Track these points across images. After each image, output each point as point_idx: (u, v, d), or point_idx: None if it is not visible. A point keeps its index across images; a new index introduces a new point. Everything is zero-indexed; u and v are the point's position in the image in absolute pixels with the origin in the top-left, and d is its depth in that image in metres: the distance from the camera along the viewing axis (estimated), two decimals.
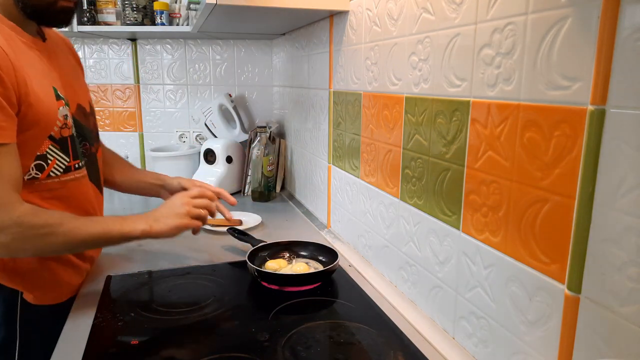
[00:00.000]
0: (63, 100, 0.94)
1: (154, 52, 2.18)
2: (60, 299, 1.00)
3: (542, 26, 0.61)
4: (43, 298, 0.96)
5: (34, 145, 0.89)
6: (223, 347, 0.84)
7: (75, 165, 0.98)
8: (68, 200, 0.97)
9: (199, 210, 1.02)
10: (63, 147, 0.94)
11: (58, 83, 0.96)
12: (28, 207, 0.85)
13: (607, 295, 0.54)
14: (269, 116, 2.26)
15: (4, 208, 0.81)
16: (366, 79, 1.15)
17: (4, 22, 0.87)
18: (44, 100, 0.89)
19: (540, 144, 0.62)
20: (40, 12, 0.89)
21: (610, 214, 0.53)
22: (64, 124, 0.94)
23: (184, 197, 1.03)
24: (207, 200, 1.06)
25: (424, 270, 0.94)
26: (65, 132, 0.95)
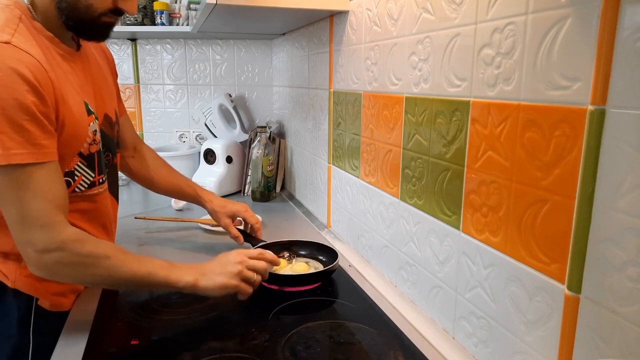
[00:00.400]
0: (93, 115, 0.94)
1: (154, 52, 2.18)
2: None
3: (542, 26, 0.61)
4: (59, 305, 0.96)
5: (64, 162, 0.88)
6: (223, 347, 0.84)
7: (100, 180, 0.98)
8: (88, 213, 0.97)
9: (252, 274, 0.93)
10: (90, 163, 0.94)
11: (90, 95, 0.95)
12: (73, 232, 0.83)
13: (607, 295, 0.54)
14: (269, 116, 2.26)
15: (48, 229, 0.80)
16: (366, 79, 1.15)
17: (43, 32, 0.86)
18: (77, 117, 0.88)
19: (540, 144, 0.62)
20: (82, 26, 0.88)
21: (610, 214, 0.53)
22: (93, 140, 0.94)
23: (239, 256, 0.95)
24: (264, 264, 0.97)
25: (424, 270, 0.94)
26: (94, 147, 0.94)
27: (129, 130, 1.25)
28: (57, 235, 0.81)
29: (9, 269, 0.92)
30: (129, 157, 1.26)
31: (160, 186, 1.30)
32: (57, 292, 0.96)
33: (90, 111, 0.94)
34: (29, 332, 0.93)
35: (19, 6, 0.83)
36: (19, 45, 0.77)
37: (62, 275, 0.86)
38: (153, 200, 1.84)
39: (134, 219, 1.55)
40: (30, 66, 0.76)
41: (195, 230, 1.47)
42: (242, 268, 0.92)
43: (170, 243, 1.36)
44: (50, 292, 0.94)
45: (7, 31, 0.78)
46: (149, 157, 1.29)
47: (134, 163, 1.27)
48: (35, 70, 0.77)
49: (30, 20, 0.84)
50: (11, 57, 0.75)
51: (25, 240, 0.81)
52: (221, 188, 1.86)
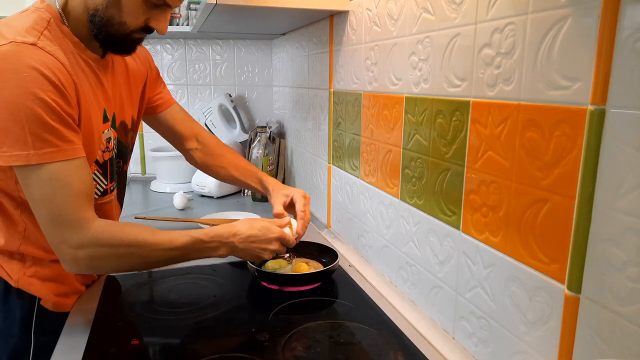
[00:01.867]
0: (109, 122, 0.95)
1: (154, 52, 2.18)
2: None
3: (542, 26, 0.61)
4: (62, 305, 0.96)
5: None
6: (223, 347, 0.84)
7: (111, 188, 0.99)
8: None
9: (282, 249, 1.00)
10: (104, 170, 0.96)
11: (109, 102, 0.96)
12: (102, 224, 0.84)
13: (607, 295, 0.54)
14: (269, 116, 2.26)
15: (80, 226, 0.81)
16: (366, 79, 1.15)
17: (70, 37, 0.86)
18: (94, 123, 0.89)
19: (540, 144, 0.62)
20: (112, 40, 0.88)
21: (610, 214, 0.53)
22: (106, 148, 0.95)
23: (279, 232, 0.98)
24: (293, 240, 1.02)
25: (424, 270, 0.94)
26: (107, 155, 0.95)
27: (182, 120, 1.24)
28: (87, 230, 0.82)
29: (12, 269, 0.92)
30: (194, 150, 1.26)
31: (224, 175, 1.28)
32: (61, 292, 0.96)
33: (107, 118, 0.94)
34: (31, 331, 0.93)
35: (50, 10, 0.84)
36: (44, 47, 0.78)
37: (99, 267, 0.88)
38: (153, 200, 1.84)
39: (134, 219, 1.55)
40: (54, 68, 0.77)
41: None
42: (279, 246, 0.99)
43: None
44: (53, 293, 0.95)
45: (33, 33, 0.79)
46: (213, 146, 1.27)
47: (198, 155, 1.26)
48: (59, 72, 0.78)
49: (59, 25, 0.85)
50: (36, 58, 0.76)
51: (60, 239, 0.81)
52: (221, 188, 1.86)
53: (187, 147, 1.25)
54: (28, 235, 0.91)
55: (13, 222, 0.90)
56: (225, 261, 1.21)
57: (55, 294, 0.95)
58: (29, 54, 0.76)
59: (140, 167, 2.26)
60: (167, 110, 1.20)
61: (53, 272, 0.94)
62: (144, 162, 2.26)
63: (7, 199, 0.89)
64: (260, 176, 1.25)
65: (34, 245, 0.92)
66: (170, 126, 1.22)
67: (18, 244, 0.90)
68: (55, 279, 0.95)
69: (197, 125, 1.28)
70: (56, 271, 0.95)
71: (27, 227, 0.90)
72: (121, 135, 1.02)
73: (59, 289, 0.96)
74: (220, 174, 1.28)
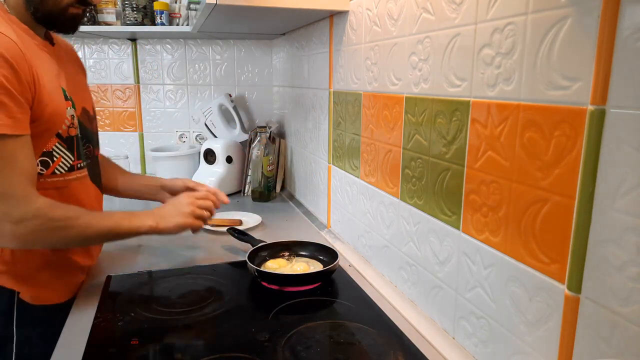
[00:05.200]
0: (70, 102, 0.97)
1: (154, 52, 2.18)
2: (58, 299, 1.01)
3: (542, 26, 0.61)
4: (41, 298, 0.97)
5: (41, 142, 0.91)
6: (223, 347, 0.84)
7: (78, 165, 1.00)
8: (71, 199, 0.98)
9: (202, 211, 1.07)
10: (69, 146, 0.97)
11: (66, 85, 0.97)
12: (46, 200, 0.87)
13: (607, 295, 0.54)
14: (269, 116, 2.26)
15: (22, 200, 0.83)
16: (366, 79, 1.15)
17: (18, 24, 0.89)
18: (54, 98, 0.91)
19: (540, 144, 0.62)
20: (50, 17, 0.91)
21: (610, 214, 0.53)
22: (72, 124, 0.96)
23: (189, 197, 1.07)
24: (211, 202, 1.11)
25: (424, 270, 0.94)
26: (72, 131, 0.97)
27: None
28: (31, 205, 0.84)
29: None
30: None
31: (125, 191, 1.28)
32: (39, 284, 0.97)
33: (67, 97, 0.96)
34: (12, 325, 0.94)
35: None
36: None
37: (37, 242, 0.90)
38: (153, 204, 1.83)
39: None
40: (6, 45, 0.79)
41: None
42: (194, 208, 1.05)
43: (170, 242, 1.35)
44: (30, 285, 0.95)
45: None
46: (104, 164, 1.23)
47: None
48: (11, 49, 0.80)
49: (5, 13, 0.87)
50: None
51: (2, 212, 0.82)
52: (221, 188, 1.86)
53: None
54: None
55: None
56: (225, 261, 1.22)
57: (33, 286, 0.95)
58: None
59: (140, 167, 2.26)
60: None
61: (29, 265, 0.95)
62: (144, 162, 2.26)
63: None
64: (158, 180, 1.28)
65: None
66: None
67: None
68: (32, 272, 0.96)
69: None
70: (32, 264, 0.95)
71: None
72: (85, 121, 1.04)
73: (36, 281, 0.96)
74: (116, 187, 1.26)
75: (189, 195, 1.09)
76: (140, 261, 1.22)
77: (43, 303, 0.97)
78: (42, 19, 0.91)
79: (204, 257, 1.27)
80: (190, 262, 1.21)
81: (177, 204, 1.06)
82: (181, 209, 1.04)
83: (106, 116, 2.21)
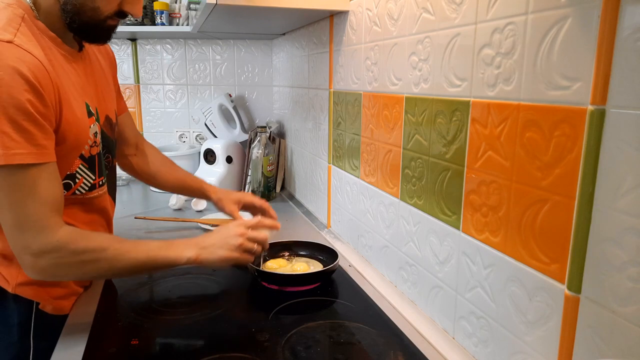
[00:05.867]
0: (94, 117, 0.94)
1: (154, 52, 2.18)
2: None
3: (542, 26, 0.61)
4: (61, 308, 0.95)
5: (66, 165, 0.88)
6: (223, 347, 0.84)
7: (100, 182, 0.98)
8: (88, 215, 0.97)
9: (252, 245, 0.94)
10: (91, 165, 0.94)
11: (91, 96, 0.95)
12: (68, 231, 0.82)
13: (607, 295, 0.54)
14: (269, 116, 2.26)
15: (43, 232, 0.79)
16: (366, 79, 1.15)
17: (46, 32, 0.85)
18: (79, 119, 0.87)
19: (540, 144, 0.62)
20: (86, 28, 0.87)
21: (610, 214, 0.53)
22: (94, 142, 0.93)
23: (239, 228, 0.95)
24: (264, 234, 0.98)
25: (424, 270, 0.94)
26: (94, 150, 0.94)
27: (130, 127, 1.24)
28: (51, 237, 0.80)
29: (11, 274, 0.91)
30: (132, 156, 1.25)
31: (164, 182, 1.28)
32: (59, 295, 0.95)
33: (91, 113, 0.93)
34: (30, 336, 0.92)
35: (22, 5, 0.82)
36: (21, 45, 0.76)
37: (61, 275, 0.86)
38: (153, 201, 1.84)
39: (134, 219, 1.55)
40: (31, 66, 0.75)
41: (195, 230, 1.47)
42: (243, 240, 0.93)
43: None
44: (52, 297, 0.94)
45: (9, 30, 0.77)
46: (151, 154, 1.28)
47: (137, 161, 1.26)
48: (37, 71, 0.76)
49: (32, 20, 0.82)
50: (13, 56, 0.74)
51: (22, 244, 0.79)
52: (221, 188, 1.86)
53: (126, 152, 1.23)
54: None
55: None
56: None
57: (53, 297, 0.94)
58: (6, 52, 0.74)
59: None
60: (121, 116, 1.18)
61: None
62: None
63: None
64: (201, 185, 1.26)
65: None
66: (120, 131, 1.18)
67: None
68: (54, 283, 0.94)
69: (140, 136, 1.28)
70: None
71: None
72: (107, 129, 1.01)
73: (57, 292, 0.95)
74: (158, 180, 1.28)
75: (240, 225, 0.96)
76: None
77: (62, 313, 0.95)
78: (77, 29, 0.87)
79: None
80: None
81: (224, 234, 0.93)
82: (228, 241, 0.92)
83: None
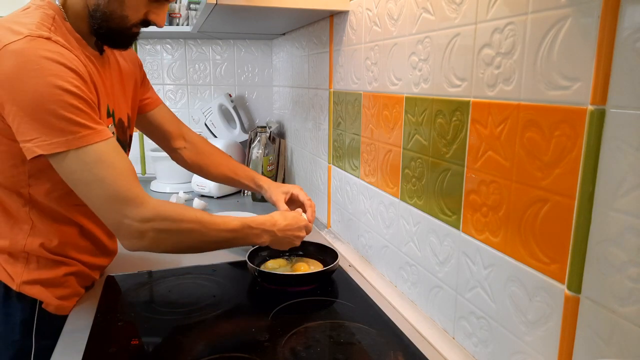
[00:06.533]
0: (112, 118, 0.96)
1: (154, 52, 2.18)
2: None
3: (542, 26, 0.61)
4: (64, 308, 0.96)
5: None
6: (223, 347, 0.84)
7: None
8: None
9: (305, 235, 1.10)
10: None
11: (110, 98, 0.97)
12: (159, 200, 0.87)
13: (607, 295, 0.54)
14: (269, 116, 2.26)
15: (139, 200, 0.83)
16: (366, 79, 1.15)
17: (72, 34, 0.87)
18: (104, 116, 0.91)
19: (540, 144, 0.62)
20: (112, 35, 0.90)
21: (610, 214, 0.53)
22: None
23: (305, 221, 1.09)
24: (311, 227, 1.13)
25: (424, 270, 0.94)
26: None
27: (170, 120, 1.25)
28: (149, 205, 0.84)
29: (16, 272, 0.91)
30: (182, 149, 1.27)
31: (216, 173, 1.30)
32: (62, 295, 0.95)
33: (110, 114, 0.95)
34: (32, 335, 0.92)
35: (52, 7, 0.85)
36: (58, 41, 0.80)
37: (163, 242, 0.88)
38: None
39: None
40: (71, 58, 0.79)
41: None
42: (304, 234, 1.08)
43: None
44: (55, 296, 0.94)
45: (44, 29, 0.80)
46: (201, 145, 1.29)
47: (188, 154, 1.27)
48: (77, 63, 0.80)
49: (62, 21, 0.86)
50: (54, 50, 0.78)
51: (121, 215, 0.82)
52: (222, 188, 1.86)
53: (175, 146, 1.26)
54: (35, 234, 0.91)
55: (18, 222, 0.90)
56: (225, 261, 1.21)
57: (57, 297, 0.94)
58: (46, 46, 0.77)
59: (141, 167, 2.26)
60: (156, 109, 1.21)
61: (56, 275, 0.94)
62: (144, 162, 2.26)
63: (14, 196, 0.89)
64: (253, 175, 1.28)
65: (40, 245, 0.91)
66: (159, 125, 1.23)
67: (23, 244, 0.90)
68: (58, 282, 0.95)
69: (183, 125, 1.29)
70: (59, 273, 0.94)
71: (35, 224, 0.90)
72: (119, 132, 1.02)
73: (60, 291, 0.95)
74: (212, 173, 1.29)
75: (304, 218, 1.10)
76: (141, 261, 1.22)
77: (64, 313, 0.96)
78: (103, 35, 0.90)
79: (204, 257, 1.26)
80: (190, 262, 1.21)
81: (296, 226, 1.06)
82: (298, 232, 1.06)
83: None
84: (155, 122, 1.22)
